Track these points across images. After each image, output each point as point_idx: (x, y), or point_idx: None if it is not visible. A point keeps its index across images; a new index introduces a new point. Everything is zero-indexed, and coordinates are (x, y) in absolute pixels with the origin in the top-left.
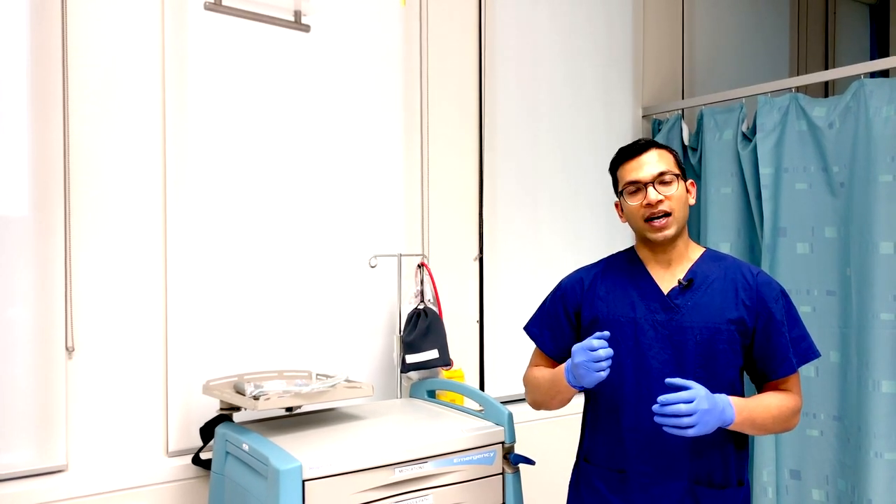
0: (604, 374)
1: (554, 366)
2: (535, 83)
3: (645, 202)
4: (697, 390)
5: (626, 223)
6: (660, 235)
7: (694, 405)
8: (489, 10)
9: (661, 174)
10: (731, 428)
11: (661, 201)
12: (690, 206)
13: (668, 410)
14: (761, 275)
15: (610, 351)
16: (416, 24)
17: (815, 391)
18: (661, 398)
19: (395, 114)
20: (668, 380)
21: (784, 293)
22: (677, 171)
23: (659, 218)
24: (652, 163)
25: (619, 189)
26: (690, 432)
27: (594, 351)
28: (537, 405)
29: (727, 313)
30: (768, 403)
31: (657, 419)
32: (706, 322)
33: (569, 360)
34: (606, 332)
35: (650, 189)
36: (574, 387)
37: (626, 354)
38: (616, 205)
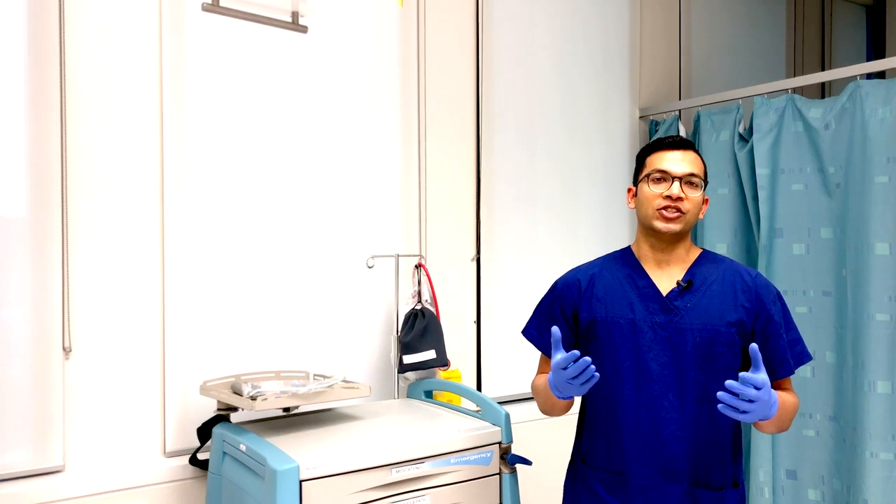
0: (588, 385)
1: None
2: (532, 84)
3: (666, 193)
4: (766, 378)
5: (633, 209)
6: (665, 227)
7: (762, 392)
8: (486, 11)
9: (692, 175)
10: (761, 422)
11: (681, 199)
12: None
13: (737, 389)
14: (759, 277)
15: (580, 366)
16: (413, 25)
17: (810, 391)
18: (743, 376)
19: (393, 115)
20: (752, 345)
21: (780, 296)
22: (704, 180)
23: (671, 210)
24: (687, 161)
25: (645, 173)
26: (744, 417)
27: (565, 369)
28: (545, 412)
29: (727, 315)
30: (784, 400)
31: (721, 395)
32: (705, 324)
33: (549, 374)
34: (576, 352)
35: (676, 184)
36: (563, 398)
37: (624, 356)
38: (629, 189)
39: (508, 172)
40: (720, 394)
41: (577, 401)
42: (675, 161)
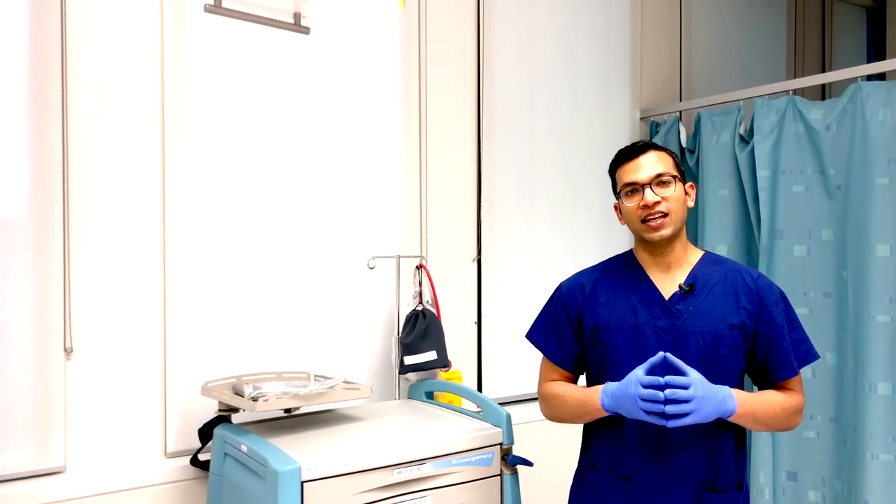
0: (650, 418)
1: (566, 376)
2: (534, 85)
3: (642, 203)
4: (693, 377)
5: (625, 225)
6: (656, 235)
7: (691, 391)
8: (488, 12)
9: (659, 175)
10: (731, 420)
11: (657, 202)
12: (689, 209)
13: (668, 395)
14: (761, 278)
15: (659, 405)
16: (414, 26)
17: (811, 393)
18: (666, 379)
19: (394, 115)
20: (667, 354)
21: (783, 296)
22: (675, 173)
23: (655, 218)
24: (650, 164)
25: (617, 190)
26: (688, 420)
27: (646, 388)
28: (558, 420)
29: (729, 318)
30: (770, 399)
31: (665, 407)
32: (708, 327)
33: (609, 384)
34: (660, 380)
35: (647, 190)
36: (608, 411)
37: (628, 361)
38: (615, 207)
39: (509, 174)
40: (664, 405)
41: None
42: (639, 168)
